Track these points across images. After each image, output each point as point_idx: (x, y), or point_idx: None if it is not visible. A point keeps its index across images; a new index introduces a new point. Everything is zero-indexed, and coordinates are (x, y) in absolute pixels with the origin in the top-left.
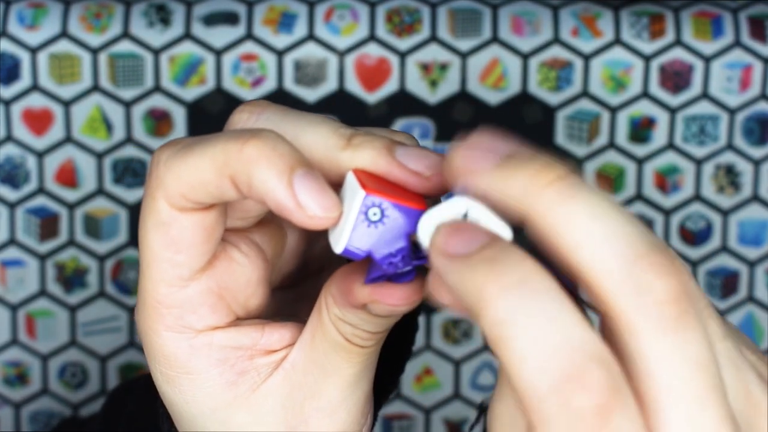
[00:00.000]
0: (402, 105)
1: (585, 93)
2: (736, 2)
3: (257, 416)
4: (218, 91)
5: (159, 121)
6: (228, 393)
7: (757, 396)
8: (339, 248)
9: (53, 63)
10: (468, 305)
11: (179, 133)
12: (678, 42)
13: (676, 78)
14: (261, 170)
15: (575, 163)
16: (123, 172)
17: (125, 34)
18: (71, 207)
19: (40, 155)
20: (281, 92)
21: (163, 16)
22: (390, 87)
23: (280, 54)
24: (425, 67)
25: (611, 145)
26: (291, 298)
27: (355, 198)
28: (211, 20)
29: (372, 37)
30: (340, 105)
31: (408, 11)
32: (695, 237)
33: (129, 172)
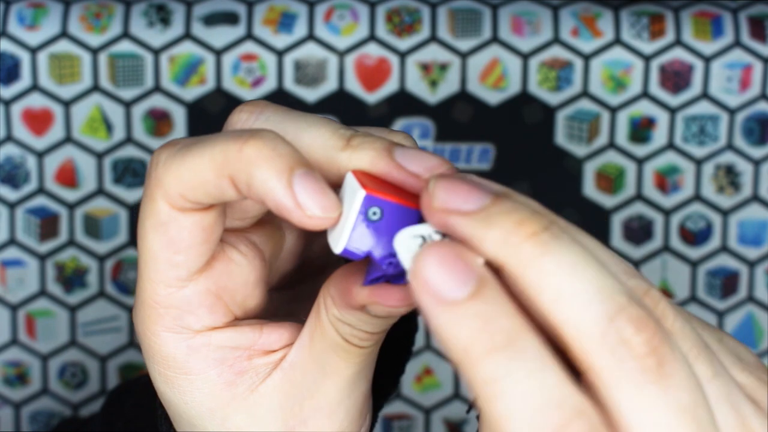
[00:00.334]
0: (402, 105)
1: (585, 93)
2: (736, 2)
3: (255, 416)
4: (218, 91)
5: (159, 121)
6: (226, 393)
7: (757, 431)
8: (338, 248)
9: (53, 63)
10: (452, 354)
11: (179, 133)
12: (678, 42)
13: (676, 78)
14: (260, 170)
15: (557, 215)
16: (123, 172)
17: (125, 34)
18: (71, 207)
19: (40, 155)
20: (281, 92)
21: (163, 16)
22: (390, 87)
23: (280, 54)
24: (425, 67)
25: (611, 145)
26: (289, 299)
27: (355, 198)
28: (211, 20)
29: (372, 37)
30: (340, 105)
31: (408, 11)
32: (695, 237)
33: (129, 172)
